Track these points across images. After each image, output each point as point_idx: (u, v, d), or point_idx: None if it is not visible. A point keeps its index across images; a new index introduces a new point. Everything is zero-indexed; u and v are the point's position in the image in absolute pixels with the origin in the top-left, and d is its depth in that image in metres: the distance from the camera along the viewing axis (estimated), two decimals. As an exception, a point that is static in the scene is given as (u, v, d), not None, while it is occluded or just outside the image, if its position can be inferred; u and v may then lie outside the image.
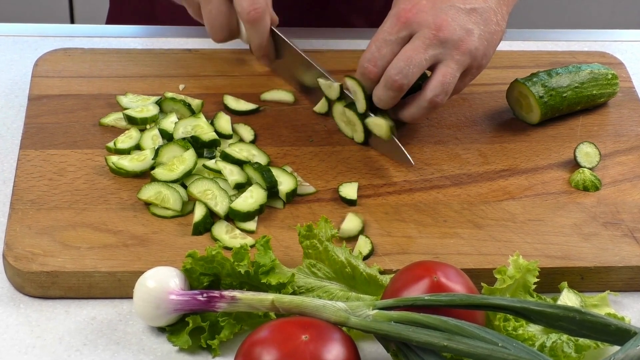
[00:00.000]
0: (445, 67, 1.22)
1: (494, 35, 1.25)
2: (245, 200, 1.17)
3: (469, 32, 1.22)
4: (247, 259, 1.06)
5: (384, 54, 1.23)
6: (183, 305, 1.03)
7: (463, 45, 1.21)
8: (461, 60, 1.22)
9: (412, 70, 1.21)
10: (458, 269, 1.04)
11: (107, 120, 1.31)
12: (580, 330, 0.97)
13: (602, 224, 1.20)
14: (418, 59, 1.21)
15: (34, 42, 1.48)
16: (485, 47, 1.24)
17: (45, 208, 1.16)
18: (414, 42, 1.22)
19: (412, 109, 1.25)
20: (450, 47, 1.21)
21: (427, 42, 1.21)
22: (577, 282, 1.14)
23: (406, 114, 1.26)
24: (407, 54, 1.21)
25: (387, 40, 1.23)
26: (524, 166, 1.29)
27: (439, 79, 1.22)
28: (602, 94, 1.38)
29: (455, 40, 1.21)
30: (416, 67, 1.21)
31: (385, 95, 1.23)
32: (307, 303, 1.00)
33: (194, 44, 1.50)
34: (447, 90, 1.22)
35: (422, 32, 1.21)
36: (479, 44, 1.23)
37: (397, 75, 1.21)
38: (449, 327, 0.96)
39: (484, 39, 1.23)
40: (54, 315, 1.08)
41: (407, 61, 1.21)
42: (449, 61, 1.22)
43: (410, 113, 1.26)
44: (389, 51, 1.23)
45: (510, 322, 1.03)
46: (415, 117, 1.26)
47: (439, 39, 1.21)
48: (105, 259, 1.10)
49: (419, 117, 1.26)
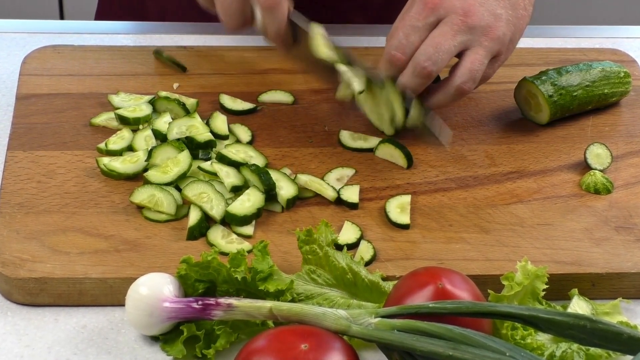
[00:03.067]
0: (474, 53, 1.24)
1: (521, 20, 1.27)
2: (242, 204, 1.17)
3: (497, 18, 1.24)
4: (244, 264, 1.06)
5: (412, 41, 1.24)
6: (177, 313, 1.03)
7: (491, 31, 1.23)
8: (490, 47, 1.24)
9: (441, 57, 1.22)
10: (464, 275, 1.04)
11: (98, 121, 1.31)
12: (591, 339, 0.97)
13: (614, 229, 1.20)
14: (447, 45, 1.22)
15: (22, 39, 1.48)
16: (512, 32, 1.26)
17: (33, 212, 1.17)
18: (442, 28, 1.23)
19: (438, 96, 1.27)
20: (478, 34, 1.23)
21: (456, 28, 1.22)
22: (588, 289, 1.14)
23: (432, 101, 1.28)
24: (436, 40, 1.22)
25: (415, 27, 1.24)
26: (532, 168, 1.29)
27: (467, 65, 1.23)
28: (614, 92, 1.39)
29: (483, 26, 1.23)
30: (445, 53, 1.22)
31: (413, 82, 1.24)
32: (306, 311, 1.00)
33: (188, 40, 1.50)
34: (475, 77, 1.24)
35: (450, 17, 1.23)
36: (506, 29, 1.25)
37: (426, 62, 1.22)
38: (455, 336, 0.96)
39: (511, 24, 1.25)
40: (43, 323, 1.08)
41: (436, 47, 1.22)
42: (477, 48, 1.24)
43: (437, 100, 1.27)
44: (417, 38, 1.24)
45: (518, 331, 1.03)
46: (442, 104, 1.28)
47: (468, 25, 1.22)
48: (96, 265, 1.10)
49: (446, 104, 1.28)
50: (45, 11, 2.83)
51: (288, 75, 1.43)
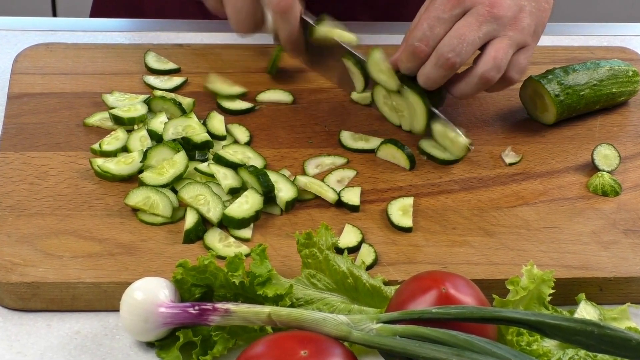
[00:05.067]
0: (499, 43, 1.25)
1: (544, 13, 1.29)
2: (240, 206, 1.17)
3: (521, 9, 1.26)
4: (241, 269, 1.06)
5: (436, 33, 1.25)
6: (173, 319, 1.03)
7: (516, 22, 1.25)
8: (514, 37, 1.25)
9: (465, 49, 1.23)
10: (468, 280, 1.05)
11: (92, 121, 1.31)
12: (599, 345, 0.97)
13: (622, 232, 1.20)
14: (472, 36, 1.23)
15: (14, 37, 1.49)
16: (535, 24, 1.28)
17: (25, 214, 1.17)
18: (467, 19, 1.24)
19: (461, 85, 1.28)
20: (503, 24, 1.25)
21: (481, 19, 1.24)
22: (595, 294, 1.14)
23: (455, 90, 1.29)
24: (461, 31, 1.24)
25: (440, 19, 1.24)
26: (538, 169, 1.29)
27: (492, 54, 1.25)
28: (622, 92, 1.39)
29: (509, 17, 1.25)
30: (470, 45, 1.24)
31: (436, 74, 1.25)
32: (306, 316, 1.00)
33: (184, 38, 1.50)
34: (499, 67, 1.25)
35: (476, 8, 1.24)
36: (530, 20, 1.27)
37: (450, 53, 1.23)
38: (458, 342, 0.96)
39: (534, 16, 1.27)
40: (35, 329, 1.08)
41: (461, 39, 1.23)
42: (502, 38, 1.25)
43: (460, 89, 1.28)
44: (441, 30, 1.25)
45: (524, 337, 1.04)
46: (465, 93, 1.28)
47: (493, 16, 1.24)
48: (90, 269, 1.10)
49: (469, 94, 1.29)
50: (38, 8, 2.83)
51: (287, 74, 1.43)
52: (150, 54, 1.42)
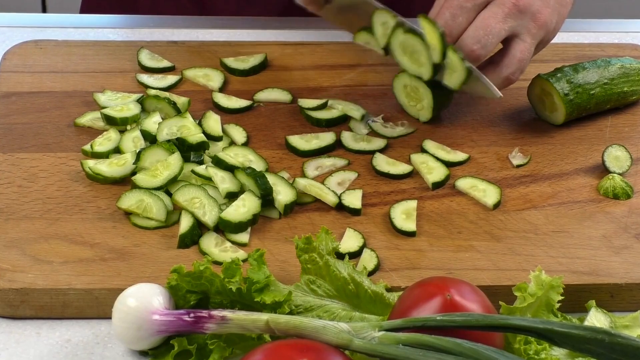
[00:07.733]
0: (523, 42, 1.27)
1: (565, 8, 1.31)
2: (237, 210, 1.17)
3: (545, 3, 1.27)
4: (238, 274, 1.06)
5: (459, 23, 1.25)
6: (168, 326, 1.03)
7: (540, 17, 1.27)
8: (537, 34, 1.27)
9: (490, 41, 1.25)
10: (474, 286, 1.05)
11: (83, 121, 1.31)
12: (610, 354, 0.97)
13: (634, 236, 1.20)
14: (497, 28, 1.25)
15: (2, 34, 1.49)
16: (557, 19, 1.29)
17: (14, 218, 1.17)
18: (492, 9, 1.25)
19: (481, 86, 1.28)
20: (528, 19, 1.26)
21: (507, 10, 1.25)
22: (606, 301, 1.14)
23: (476, 90, 1.30)
24: (486, 22, 1.25)
25: (464, 7, 1.25)
26: (547, 171, 1.29)
27: (517, 55, 1.26)
28: (634, 91, 1.39)
29: (533, 11, 1.26)
30: (495, 37, 1.25)
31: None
32: (305, 324, 1.00)
33: (179, 35, 1.50)
34: (523, 68, 1.27)
35: None
36: (552, 15, 1.28)
37: (475, 44, 1.24)
38: (464, 351, 0.96)
39: (556, 11, 1.29)
40: (24, 337, 1.08)
41: (486, 30, 1.24)
42: (525, 35, 1.27)
43: (479, 89, 1.29)
44: (464, 19, 1.26)
45: (532, 345, 1.04)
46: (485, 94, 1.29)
47: (518, 8, 1.25)
48: (81, 275, 1.10)
49: (488, 95, 1.29)
50: (27, 3, 2.84)
51: (286, 72, 1.43)
52: (144, 52, 1.43)
